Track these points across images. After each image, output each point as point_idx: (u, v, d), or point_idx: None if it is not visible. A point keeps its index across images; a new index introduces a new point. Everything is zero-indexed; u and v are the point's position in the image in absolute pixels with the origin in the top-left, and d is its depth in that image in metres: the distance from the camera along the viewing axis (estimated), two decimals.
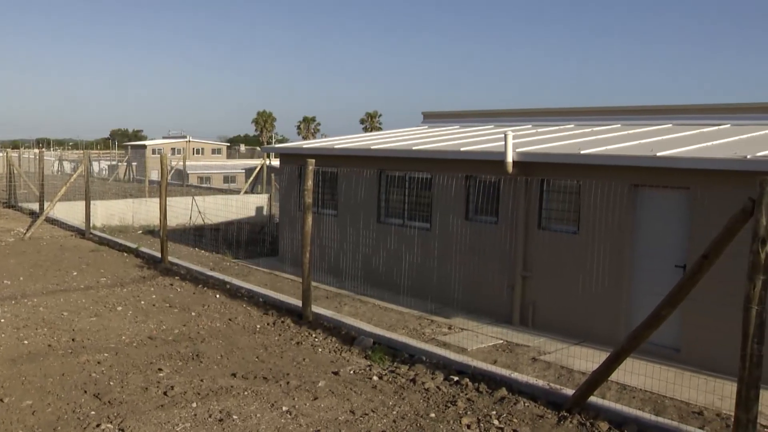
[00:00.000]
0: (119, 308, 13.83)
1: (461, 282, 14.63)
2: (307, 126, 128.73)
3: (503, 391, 9.46)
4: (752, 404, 6.56)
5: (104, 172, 67.85)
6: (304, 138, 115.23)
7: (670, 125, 16.41)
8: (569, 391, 9.06)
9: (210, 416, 8.48)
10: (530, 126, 19.16)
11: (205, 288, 15.96)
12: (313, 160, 13.20)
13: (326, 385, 9.71)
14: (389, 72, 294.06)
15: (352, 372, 10.40)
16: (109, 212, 27.59)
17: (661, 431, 8.16)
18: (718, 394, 9.49)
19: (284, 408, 8.79)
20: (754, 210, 6.37)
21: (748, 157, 10.57)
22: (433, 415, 8.76)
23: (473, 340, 12.32)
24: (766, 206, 6.30)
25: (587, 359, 10.64)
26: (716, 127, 15.37)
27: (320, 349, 11.59)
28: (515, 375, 9.98)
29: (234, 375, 10.08)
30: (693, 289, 10.10)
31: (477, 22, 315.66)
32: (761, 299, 6.39)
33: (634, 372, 10.20)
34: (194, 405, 8.81)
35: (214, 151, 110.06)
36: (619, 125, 17.32)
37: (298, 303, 13.59)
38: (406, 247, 16.00)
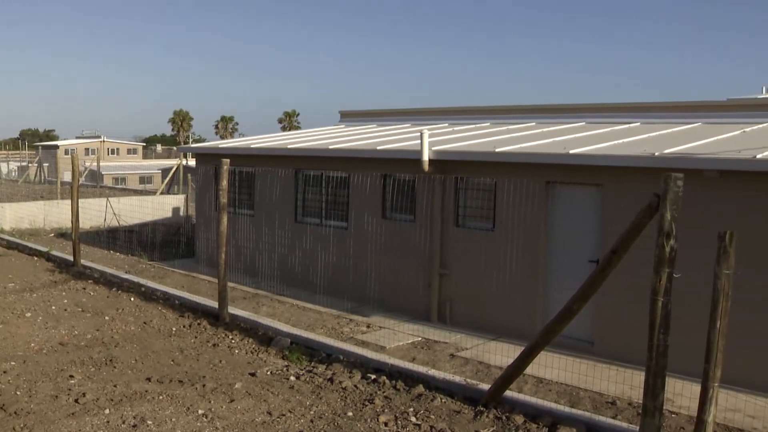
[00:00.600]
0: (28, 314, 13.39)
1: (379, 280, 14.64)
2: (225, 125, 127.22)
3: (420, 388, 9.50)
4: (659, 392, 6.73)
5: (13, 174, 65.81)
6: (222, 138, 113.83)
7: (583, 123, 16.74)
8: (485, 387, 9.15)
9: (123, 423, 8.28)
10: (447, 124, 19.32)
11: (120, 291, 15.60)
12: (228, 160, 13.05)
13: (243, 386, 9.60)
14: (307, 71, 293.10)
15: (269, 373, 10.30)
16: (18, 215, 26.75)
17: (574, 422, 8.31)
18: (630, 384, 9.72)
19: (200, 411, 8.65)
20: (659, 205, 6.53)
21: (656, 154, 10.88)
22: (350, 413, 8.74)
23: (392, 338, 12.35)
24: (671, 202, 6.47)
25: (504, 354, 10.77)
26: (627, 126, 15.75)
27: (237, 351, 11.45)
28: (432, 372, 10.04)
29: (149, 379, 9.88)
30: (605, 283, 10.38)
31: (393, 20, 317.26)
32: (666, 291, 6.56)
33: (550, 366, 10.39)
34: (107, 412, 8.59)
35: (129, 152, 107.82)
36: (534, 123, 17.59)
37: (215, 304, 13.40)
38: (324, 246, 15.94)
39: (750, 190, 10.20)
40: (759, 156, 10.04)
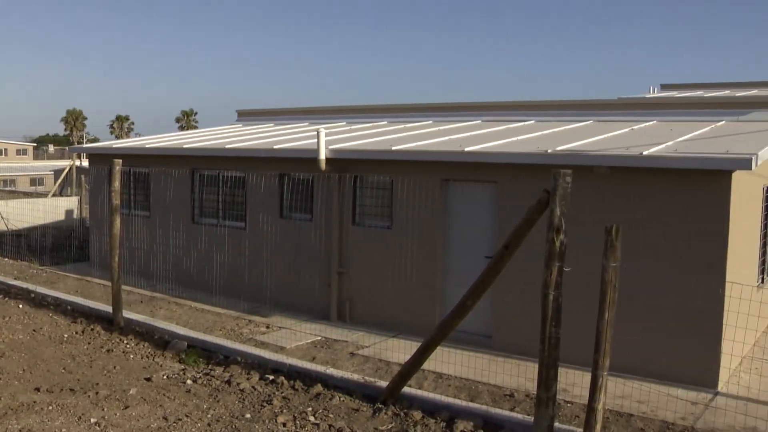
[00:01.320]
0: None
1: (278, 280, 14.53)
2: (121, 125, 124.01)
3: (319, 388, 9.48)
4: (551, 383, 6.89)
5: None
6: (118, 137, 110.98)
7: (479, 121, 17.00)
8: (384, 384, 9.20)
9: None
10: (344, 123, 19.33)
11: (7, 299, 15.01)
12: (120, 160, 12.75)
13: (138, 392, 9.37)
14: (205, 70, 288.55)
15: (165, 377, 10.09)
16: None
17: (471, 416, 8.44)
18: (527, 376, 9.93)
19: (93, 420, 8.40)
20: (549, 201, 6.67)
21: (549, 151, 11.13)
22: (248, 415, 8.64)
23: (291, 338, 12.27)
24: (560, 197, 6.62)
25: (404, 351, 10.84)
26: (522, 123, 16.08)
27: (132, 356, 11.18)
28: (330, 370, 10.02)
29: (38, 389, 9.51)
30: (501, 278, 10.56)
31: (291, 19, 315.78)
32: (557, 285, 6.71)
33: (449, 361, 10.53)
34: None
35: (19, 152, 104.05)
36: (431, 122, 17.77)
37: (109, 309, 13.06)
38: (221, 247, 15.72)
39: (638, 185, 10.56)
40: (646, 153, 10.40)
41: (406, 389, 9.02)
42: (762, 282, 13.35)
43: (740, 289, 10.25)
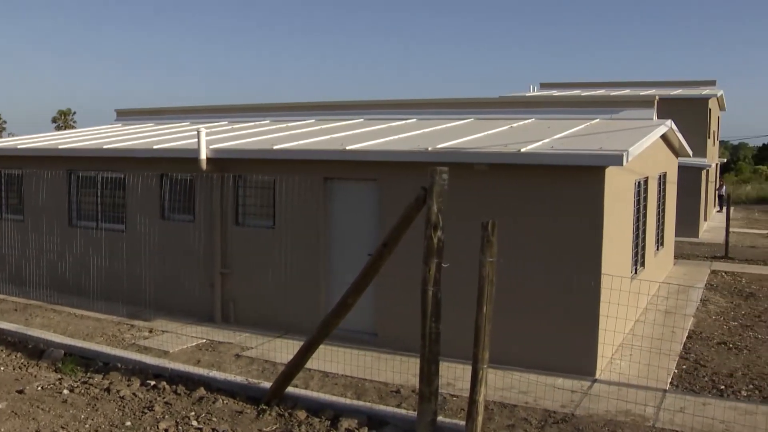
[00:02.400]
0: None
1: (161, 283, 14.21)
2: None
3: (202, 391, 9.30)
4: (433, 378, 6.95)
5: None
6: None
7: (362, 120, 17.06)
8: (268, 385, 9.10)
9: None
10: (227, 122, 19.07)
11: None
12: None
13: (8, 406, 8.94)
14: (83, 69, 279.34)
15: (39, 388, 9.69)
16: None
17: (355, 413, 8.46)
18: (413, 372, 9.97)
19: None
20: (426, 198, 6.73)
21: (429, 149, 11.25)
22: (129, 423, 8.40)
23: (175, 342, 12.02)
24: (437, 194, 6.69)
25: (290, 351, 10.68)
26: (404, 122, 16.21)
27: (3, 368, 10.67)
28: (213, 373, 9.86)
29: None
30: (385, 276, 10.61)
31: (172, 18, 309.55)
32: (436, 281, 6.77)
33: (335, 360, 10.56)
34: None
35: None
36: (313, 121, 17.72)
37: None
38: (101, 250, 15.24)
39: (517, 181, 10.80)
40: (523, 150, 10.65)
41: (291, 389, 8.95)
42: (636, 272, 13.90)
43: (615, 280, 10.64)
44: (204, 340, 12.22)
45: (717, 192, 44.38)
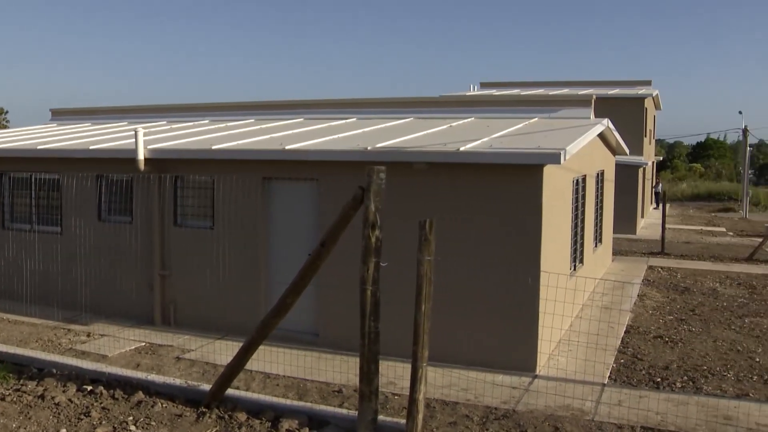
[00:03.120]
0: None
1: (99, 286, 13.96)
2: None
3: (140, 395, 9.14)
4: (373, 377, 6.95)
5: None
6: None
7: (302, 119, 17.00)
8: (208, 387, 9.00)
9: None
10: (165, 122, 18.82)
11: None
12: None
13: None
14: (16, 66, 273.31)
15: None
16: None
17: (296, 414, 8.42)
18: (354, 371, 9.95)
19: None
20: (364, 197, 6.72)
21: (369, 148, 11.26)
22: (64, 430, 8.22)
23: (114, 346, 11.82)
24: (375, 194, 6.69)
25: (231, 353, 10.55)
26: (344, 121, 16.19)
27: None
28: (152, 377, 9.71)
29: None
30: (326, 275, 10.60)
31: (105, 18, 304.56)
32: (374, 280, 6.77)
33: (277, 361, 10.51)
34: None
35: None
36: (253, 120, 17.60)
37: None
38: (37, 253, 14.90)
39: (456, 180, 10.86)
40: (462, 149, 10.71)
41: (231, 391, 8.87)
42: (575, 269, 14.09)
43: (554, 277, 10.79)
44: (144, 343, 12.04)
45: (653, 189, 45.31)
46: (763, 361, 11.58)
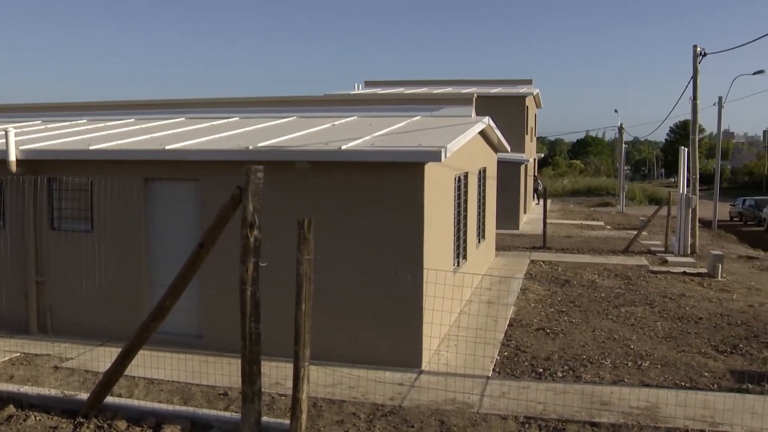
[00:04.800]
0: None
1: None
2: None
3: (11, 409, 8.71)
4: (255, 378, 6.88)
5: None
6: None
7: (183, 119, 16.69)
8: (86, 396, 8.71)
9: None
10: (40, 122, 18.12)
11: None
12: None
13: None
14: None
15: None
16: None
17: (178, 419, 8.26)
18: (240, 373, 9.85)
19: None
20: (242, 197, 6.65)
21: (251, 147, 11.15)
22: None
23: None
24: (253, 193, 6.62)
25: (113, 359, 10.35)
26: (226, 120, 15.98)
27: None
28: (24, 389, 9.31)
29: None
30: (208, 277, 10.45)
31: None
32: (254, 280, 6.70)
33: (161, 366, 10.29)
34: None
35: None
36: (133, 120, 17.16)
37: None
38: None
39: (339, 179, 10.87)
40: (344, 147, 10.73)
41: (111, 399, 8.62)
42: (458, 265, 14.31)
43: (438, 274, 10.93)
44: (18, 354, 11.56)
45: (533, 186, 46.63)
46: (637, 348, 12.07)
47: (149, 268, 12.15)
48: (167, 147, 11.65)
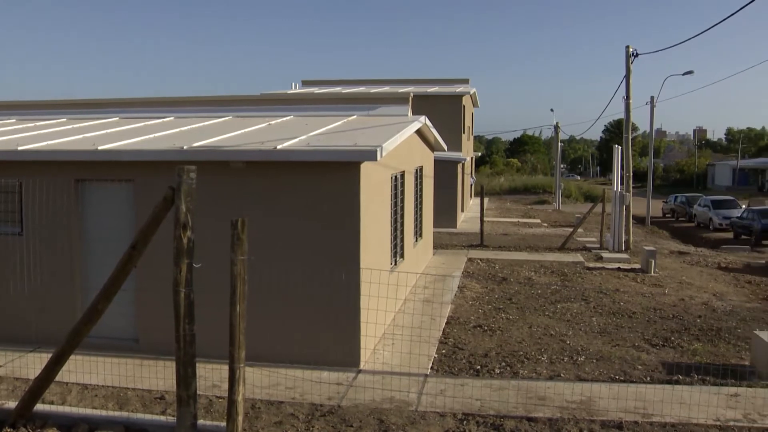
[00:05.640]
0: None
1: None
2: None
3: None
4: (191, 381, 6.80)
5: None
6: None
7: (117, 119, 16.41)
8: (13, 405, 8.48)
9: None
10: None
11: None
12: None
13: None
14: None
15: None
16: None
17: (112, 424, 8.13)
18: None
19: None
20: (175, 198, 6.56)
21: (185, 147, 11.02)
22: None
23: None
24: (185, 194, 6.54)
25: (44, 366, 10.14)
26: (161, 120, 15.76)
27: None
28: None
29: None
30: (144, 279, 10.29)
31: None
32: (188, 281, 6.62)
33: (95, 371, 10.11)
34: None
35: None
36: (65, 119, 16.81)
37: None
38: None
39: (275, 178, 10.81)
40: (280, 147, 10.68)
41: (42, 406, 8.41)
42: (395, 264, 14.36)
43: (374, 274, 10.95)
44: None
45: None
46: (572, 343, 12.27)
47: (82, 272, 11.90)
48: (100, 147, 11.43)
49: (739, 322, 14.11)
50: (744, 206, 41.79)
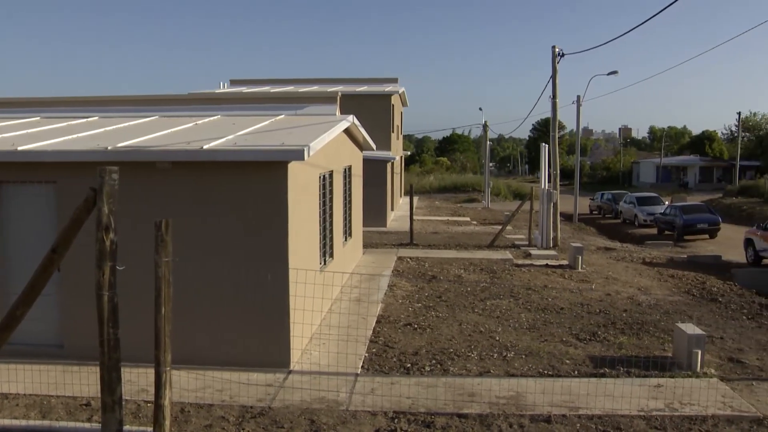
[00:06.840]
0: None
1: None
2: None
3: None
4: (115, 386, 6.67)
5: None
6: None
7: (38, 118, 16.00)
8: None
9: None
10: None
11: None
12: None
13: None
14: None
15: None
16: None
17: None
18: None
19: None
20: (96, 199, 6.43)
21: (110, 148, 10.81)
22: None
23: None
24: (108, 195, 6.42)
25: None
26: (85, 120, 15.44)
27: None
28: None
29: None
30: (68, 283, 10.06)
31: None
32: (111, 285, 6.50)
33: (17, 379, 9.86)
34: None
35: None
36: None
37: None
38: None
39: (202, 179, 10.69)
40: (206, 146, 10.57)
41: None
42: (325, 264, 14.33)
43: (303, 274, 10.92)
44: None
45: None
46: (502, 340, 12.42)
47: (2, 277, 11.56)
48: (20, 148, 11.12)
49: (662, 315, 14.49)
50: (667, 203, 42.97)
